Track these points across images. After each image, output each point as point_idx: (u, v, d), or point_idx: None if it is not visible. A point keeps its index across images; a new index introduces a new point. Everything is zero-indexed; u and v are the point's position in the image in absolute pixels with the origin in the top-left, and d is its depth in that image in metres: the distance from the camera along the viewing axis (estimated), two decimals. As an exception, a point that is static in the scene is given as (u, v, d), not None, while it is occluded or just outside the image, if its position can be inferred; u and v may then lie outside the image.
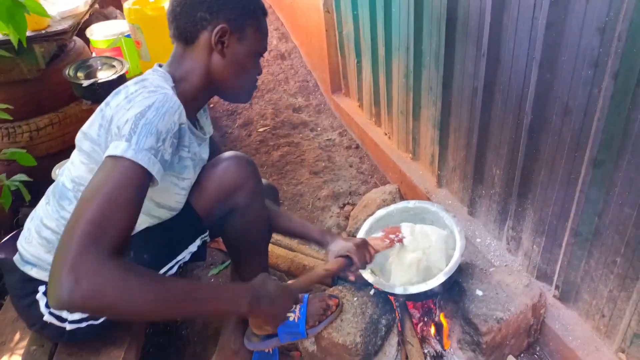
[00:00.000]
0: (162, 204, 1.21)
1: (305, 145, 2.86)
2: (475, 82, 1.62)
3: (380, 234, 1.59)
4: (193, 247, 1.32)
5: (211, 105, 3.31)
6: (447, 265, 1.47)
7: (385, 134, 2.52)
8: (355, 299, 1.52)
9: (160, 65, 1.22)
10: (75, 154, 1.18)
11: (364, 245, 1.47)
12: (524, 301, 1.45)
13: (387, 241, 1.55)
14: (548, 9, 1.21)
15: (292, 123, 3.09)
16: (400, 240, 1.55)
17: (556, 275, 1.50)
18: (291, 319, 1.43)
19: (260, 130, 3.04)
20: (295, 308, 1.45)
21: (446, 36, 1.70)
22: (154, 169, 0.96)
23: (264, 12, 1.23)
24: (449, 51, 1.73)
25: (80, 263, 0.80)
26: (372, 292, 1.55)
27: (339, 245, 1.46)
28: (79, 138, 1.14)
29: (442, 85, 1.81)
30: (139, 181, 0.94)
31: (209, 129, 1.43)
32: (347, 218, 2.24)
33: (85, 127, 1.13)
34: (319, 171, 2.63)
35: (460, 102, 1.77)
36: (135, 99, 1.01)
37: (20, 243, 1.27)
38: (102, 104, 1.10)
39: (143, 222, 1.23)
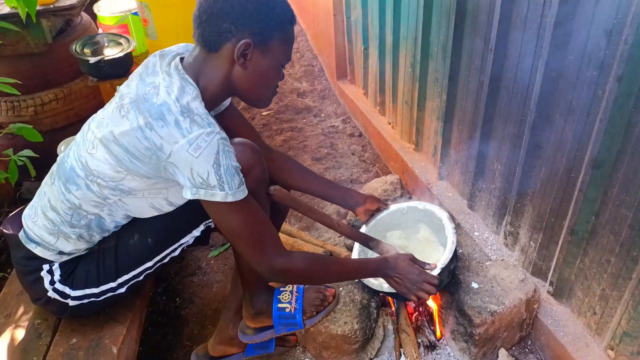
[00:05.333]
0: (174, 203, 1.26)
1: (308, 131, 2.87)
2: (481, 76, 1.62)
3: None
4: (197, 232, 1.35)
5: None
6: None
7: (389, 123, 2.52)
8: (340, 288, 1.55)
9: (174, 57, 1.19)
10: (98, 146, 1.15)
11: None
12: (518, 296, 1.47)
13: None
14: (557, 8, 1.21)
15: (296, 108, 3.09)
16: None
17: (551, 272, 1.52)
18: (287, 310, 1.42)
19: (264, 114, 3.04)
20: (292, 299, 1.45)
21: (455, 29, 1.69)
22: (247, 191, 1.14)
23: (291, 22, 1.18)
24: (457, 44, 1.72)
25: (277, 264, 1.21)
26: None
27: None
28: (107, 137, 1.12)
29: (449, 77, 1.80)
30: (250, 205, 1.16)
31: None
32: (347, 205, 2.26)
33: (116, 131, 1.10)
34: (321, 157, 2.64)
35: (465, 95, 1.77)
36: (199, 144, 1.05)
37: (25, 221, 1.28)
38: (140, 120, 1.07)
39: (149, 213, 1.27)
